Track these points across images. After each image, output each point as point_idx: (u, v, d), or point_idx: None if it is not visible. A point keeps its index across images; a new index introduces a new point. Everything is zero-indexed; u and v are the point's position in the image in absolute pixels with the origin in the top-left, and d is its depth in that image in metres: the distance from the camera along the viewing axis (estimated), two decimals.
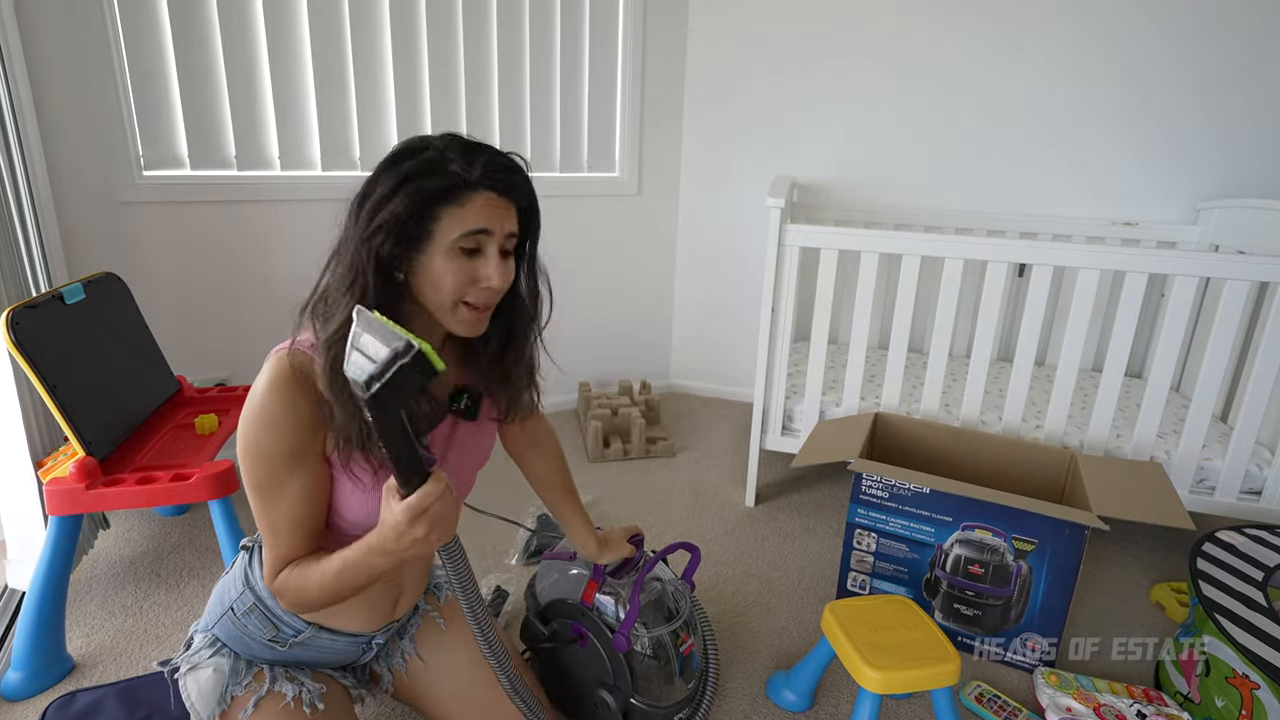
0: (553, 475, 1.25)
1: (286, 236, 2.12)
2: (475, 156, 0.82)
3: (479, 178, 0.81)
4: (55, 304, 1.42)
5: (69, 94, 1.79)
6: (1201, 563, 1.39)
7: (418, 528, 0.75)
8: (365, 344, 0.69)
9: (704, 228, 2.81)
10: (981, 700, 1.37)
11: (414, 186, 0.79)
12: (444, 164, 0.81)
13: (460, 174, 0.81)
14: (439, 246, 0.82)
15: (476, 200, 0.82)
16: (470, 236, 0.82)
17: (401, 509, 0.74)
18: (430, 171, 0.80)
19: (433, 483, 0.75)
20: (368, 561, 0.80)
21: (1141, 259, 1.67)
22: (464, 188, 0.81)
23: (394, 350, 0.66)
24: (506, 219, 0.85)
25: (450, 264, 0.82)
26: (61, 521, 1.32)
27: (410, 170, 0.80)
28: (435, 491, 0.74)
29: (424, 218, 0.81)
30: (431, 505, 0.74)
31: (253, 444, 0.82)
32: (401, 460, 0.73)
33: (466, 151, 0.82)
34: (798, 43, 2.54)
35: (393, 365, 0.66)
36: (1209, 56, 2.20)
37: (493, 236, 0.83)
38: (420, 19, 2.22)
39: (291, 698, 0.97)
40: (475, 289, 0.84)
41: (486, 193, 0.82)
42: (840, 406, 1.99)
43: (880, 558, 1.57)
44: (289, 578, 0.86)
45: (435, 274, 0.82)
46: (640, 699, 1.19)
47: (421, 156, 0.81)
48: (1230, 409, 2.02)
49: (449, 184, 0.80)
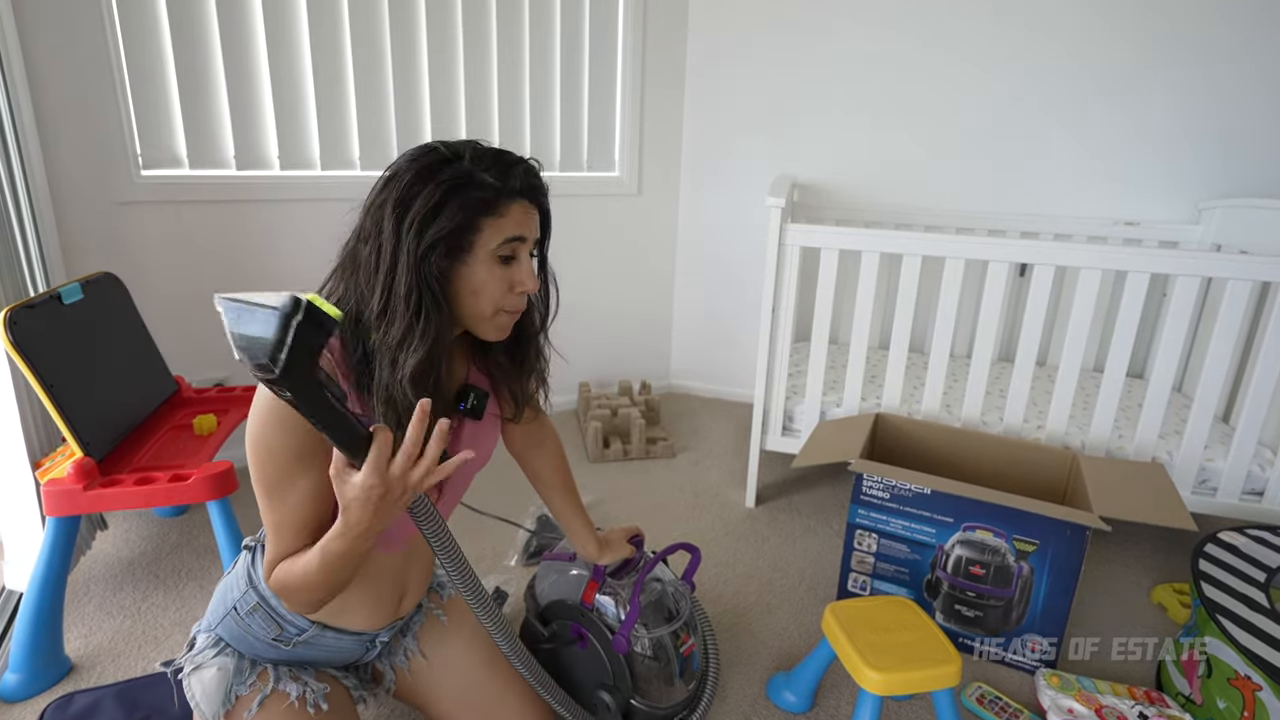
0: (554, 475, 1.24)
1: (286, 236, 2.12)
2: (507, 167, 0.85)
3: (516, 188, 0.85)
4: (53, 304, 1.42)
5: (67, 93, 1.79)
6: (1203, 564, 1.39)
7: (392, 487, 0.74)
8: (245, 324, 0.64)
9: (704, 227, 2.81)
10: (983, 702, 1.36)
11: (459, 200, 0.82)
12: (479, 175, 0.83)
13: (496, 185, 0.83)
14: (479, 256, 0.84)
15: (514, 209, 0.85)
16: (509, 244, 0.85)
17: (364, 476, 0.73)
18: (470, 184, 0.82)
19: (380, 435, 0.73)
20: (346, 545, 0.79)
21: (1143, 259, 1.67)
22: (503, 198, 0.84)
23: (283, 311, 0.62)
24: (534, 225, 0.89)
25: (492, 272, 0.85)
26: (59, 522, 1.32)
27: (450, 184, 0.81)
28: (387, 441, 0.74)
29: (468, 229, 0.83)
30: (391, 459, 0.74)
31: (262, 442, 0.81)
32: (338, 430, 0.71)
33: (497, 161, 0.85)
34: (798, 42, 2.53)
35: (288, 327, 0.62)
36: (1212, 55, 2.20)
37: (526, 243, 0.87)
38: (420, 18, 2.22)
39: (295, 697, 0.97)
40: (512, 295, 0.88)
41: (521, 201, 0.86)
42: (841, 407, 1.99)
43: (881, 558, 1.57)
44: (278, 573, 0.85)
45: (477, 283, 0.85)
46: (640, 700, 1.18)
47: (456, 168, 0.83)
48: (1232, 409, 2.02)
49: (489, 196, 0.83)
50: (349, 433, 0.72)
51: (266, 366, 0.64)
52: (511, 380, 1.00)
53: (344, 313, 0.84)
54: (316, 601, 0.86)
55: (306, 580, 0.83)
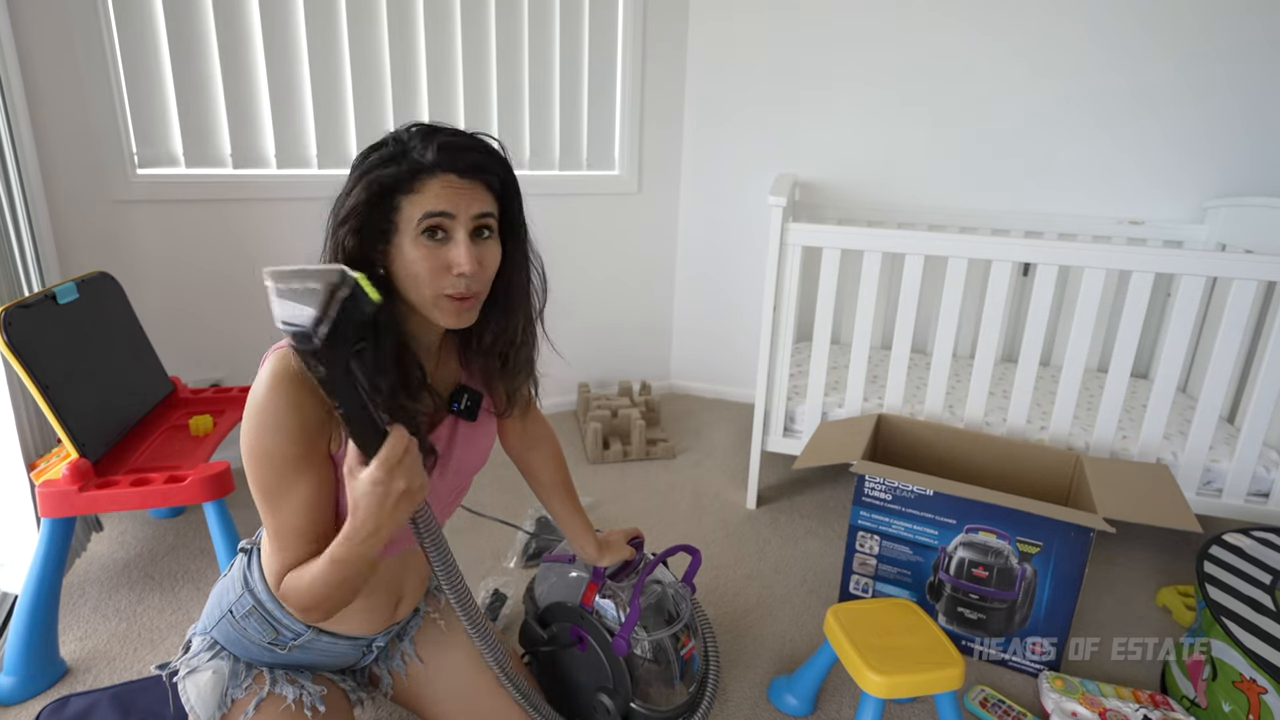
0: (552, 477, 1.23)
1: (283, 235, 2.11)
2: (429, 140, 0.81)
3: (433, 161, 0.80)
4: (48, 304, 1.41)
5: (62, 92, 1.78)
6: (1208, 566, 1.38)
7: (398, 481, 0.73)
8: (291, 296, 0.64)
9: (705, 226, 2.79)
10: (986, 705, 1.35)
11: (371, 178, 0.80)
12: (403, 153, 0.81)
13: (416, 159, 0.80)
14: (405, 236, 0.81)
15: (433, 184, 0.80)
16: (429, 219, 0.80)
17: (373, 469, 0.72)
18: (388, 162, 0.80)
19: (396, 431, 0.72)
20: (354, 549, 0.77)
21: (1148, 258, 1.66)
22: (419, 173, 0.80)
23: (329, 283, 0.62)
24: (471, 201, 0.82)
25: (418, 252, 0.81)
26: (54, 524, 1.31)
27: (371, 163, 0.81)
28: (403, 438, 0.73)
29: (385, 208, 0.80)
30: (404, 457, 0.73)
31: (258, 447, 0.80)
32: (359, 422, 0.70)
33: (425, 137, 0.81)
34: (799, 40, 2.52)
35: (334, 299, 0.62)
36: (1216, 54, 2.19)
37: (456, 220, 0.81)
38: (418, 15, 2.20)
39: (292, 700, 0.96)
40: (450, 278, 0.82)
41: (444, 175, 0.80)
42: (843, 407, 1.97)
43: (883, 560, 1.55)
44: (288, 584, 0.84)
45: (408, 264, 0.81)
46: (640, 703, 1.17)
47: (384, 150, 0.82)
48: (1237, 410, 2.01)
49: (404, 170, 0.80)
50: (369, 425, 0.70)
51: (307, 336, 0.63)
52: (492, 373, 0.98)
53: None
54: (325, 611, 0.84)
55: (315, 589, 0.81)
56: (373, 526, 0.75)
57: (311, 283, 0.63)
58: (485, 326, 0.93)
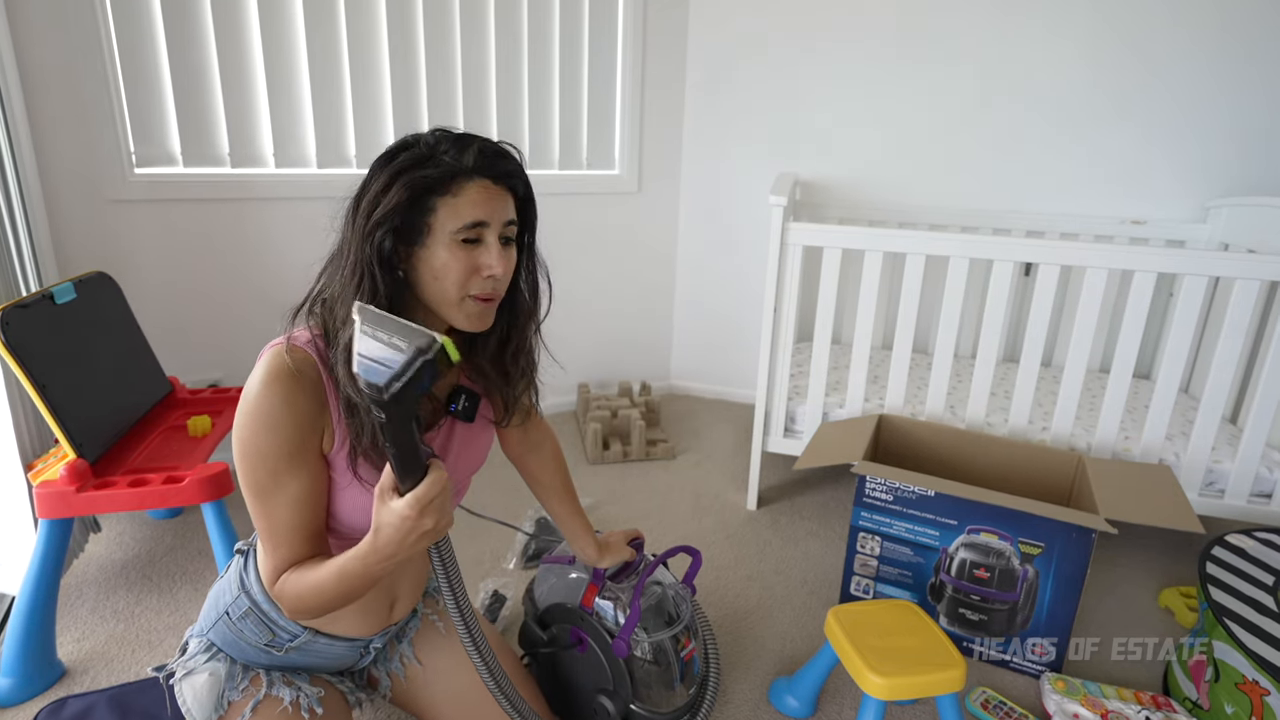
0: (552, 478, 1.23)
1: (281, 235, 2.10)
2: (466, 145, 0.82)
3: (471, 165, 0.81)
4: (45, 304, 1.40)
5: (59, 90, 1.77)
6: (1211, 567, 1.37)
7: (426, 519, 0.73)
8: (376, 343, 0.66)
9: (705, 226, 2.79)
10: (987, 706, 1.34)
11: (408, 178, 0.79)
12: (436, 155, 0.81)
13: (452, 163, 0.81)
14: (439, 238, 0.81)
15: (470, 188, 0.81)
16: (472, 229, 0.82)
17: (406, 503, 0.72)
18: (422, 163, 0.80)
19: (435, 471, 0.73)
20: (369, 567, 0.77)
21: (1150, 258, 1.65)
22: (457, 176, 0.81)
23: (417, 348, 0.63)
24: (503, 207, 0.84)
25: (452, 255, 0.82)
26: (52, 525, 1.30)
27: (403, 164, 0.80)
28: (440, 480, 0.73)
29: (420, 209, 0.81)
30: (436, 495, 0.73)
31: (251, 444, 0.80)
32: (405, 458, 0.71)
33: (457, 141, 0.83)
34: (800, 39, 2.51)
35: (415, 363, 0.63)
36: (1219, 53, 2.18)
37: (490, 226, 0.83)
38: (417, 14, 2.20)
39: (289, 702, 0.96)
40: (479, 279, 0.83)
41: (480, 180, 0.82)
42: (844, 408, 1.97)
43: (884, 561, 1.55)
44: (287, 583, 0.83)
45: (438, 266, 0.82)
46: (640, 705, 1.17)
47: (413, 151, 0.81)
48: (1240, 411, 2.00)
49: (442, 173, 0.80)
50: (413, 459, 0.72)
51: (378, 390, 0.65)
52: (494, 381, 0.97)
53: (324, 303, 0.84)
54: (315, 614, 0.84)
55: (315, 594, 0.81)
56: (391, 552, 0.75)
57: (400, 340, 0.64)
58: (492, 332, 0.93)
